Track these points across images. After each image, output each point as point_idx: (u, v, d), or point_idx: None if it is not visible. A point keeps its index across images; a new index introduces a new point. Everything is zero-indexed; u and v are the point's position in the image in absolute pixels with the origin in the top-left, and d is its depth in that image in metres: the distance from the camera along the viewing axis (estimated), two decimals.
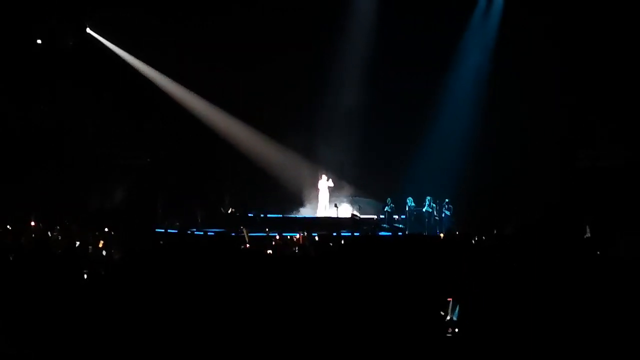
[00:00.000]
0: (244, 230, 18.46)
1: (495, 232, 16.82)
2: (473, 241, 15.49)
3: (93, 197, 23.15)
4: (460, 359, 5.58)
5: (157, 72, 25.04)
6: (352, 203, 24.85)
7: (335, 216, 23.80)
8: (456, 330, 5.74)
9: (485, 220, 20.49)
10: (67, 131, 23.28)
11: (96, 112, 23.52)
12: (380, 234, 20.59)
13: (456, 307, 5.89)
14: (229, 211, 24.13)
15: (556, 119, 22.58)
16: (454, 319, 5.90)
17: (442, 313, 5.91)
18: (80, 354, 5.58)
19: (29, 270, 7.19)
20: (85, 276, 7.67)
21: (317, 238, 16.50)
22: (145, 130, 24.17)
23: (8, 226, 16.37)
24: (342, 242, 13.01)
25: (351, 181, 25.40)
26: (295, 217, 24.51)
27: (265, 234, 18.56)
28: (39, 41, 23.36)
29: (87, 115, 23.54)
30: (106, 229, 16.32)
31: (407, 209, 24.34)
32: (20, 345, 5.58)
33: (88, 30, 24.37)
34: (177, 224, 22.38)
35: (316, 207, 25.06)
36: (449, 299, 5.95)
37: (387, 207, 24.44)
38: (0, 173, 21.40)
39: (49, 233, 16.21)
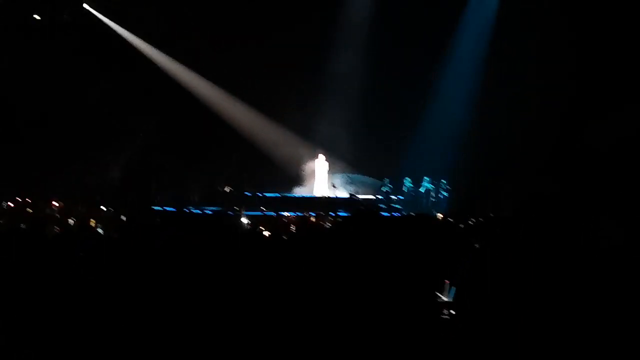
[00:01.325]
0: (241, 210, 18.48)
1: (491, 215, 16.79)
2: (470, 222, 15.50)
3: (88, 174, 23.02)
4: (455, 341, 5.57)
5: (152, 48, 24.92)
6: (349, 183, 24.81)
7: (333, 196, 23.77)
8: (452, 312, 5.72)
9: (482, 202, 20.50)
10: (62, 108, 23.11)
11: (92, 90, 23.36)
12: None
13: (452, 288, 5.86)
14: (226, 190, 24.08)
15: (553, 106, 22.48)
16: (450, 300, 5.88)
17: (438, 294, 5.89)
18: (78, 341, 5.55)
19: (26, 252, 7.12)
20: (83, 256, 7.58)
21: (313, 219, 16.50)
22: (141, 107, 23.99)
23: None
24: (339, 220, 12.98)
25: (348, 161, 25.36)
26: (292, 197, 24.49)
27: (261, 213, 18.57)
28: (36, 16, 23.22)
29: (82, 92, 23.35)
30: (102, 207, 16.25)
31: (404, 189, 24.33)
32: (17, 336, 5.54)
33: (85, 5, 24.24)
34: (173, 202, 22.34)
35: (313, 187, 25.04)
36: (445, 281, 5.92)
37: (384, 188, 24.43)
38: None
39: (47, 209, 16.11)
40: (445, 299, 5.88)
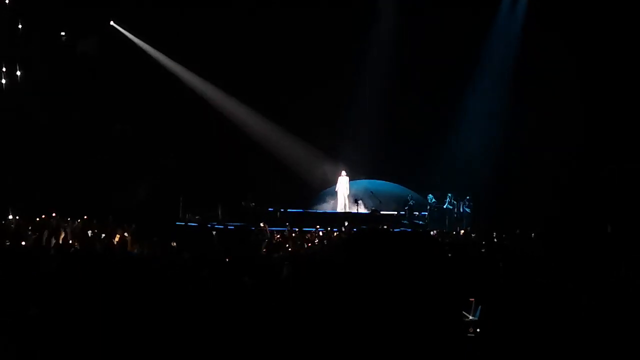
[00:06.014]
0: (264, 226, 18.52)
1: (517, 231, 16.71)
2: (494, 239, 15.43)
3: (116, 194, 23.09)
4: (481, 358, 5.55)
5: (180, 66, 25.17)
6: (373, 198, 24.77)
7: (356, 211, 23.75)
8: (477, 330, 5.70)
9: (506, 218, 20.40)
10: (90, 128, 23.30)
11: (120, 108, 23.54)
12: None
13: (478, 307, 5.83)
14: (250, 205, 24.11)
15: (581, 120, 22.44)
16: (476, 318, 5.85)
17: (464, 313, 5.86)
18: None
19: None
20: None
21: (334, 234, 16.51)
22: (169, 126, 24.15)
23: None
24: (355, 235, 12.94)
25: (372, 174, 25.47)
26: (316, 212, 24.50)
27: (285, 229, 18.61)
28: (62, 33, 23.50)
29: (111, 111, 23.54)
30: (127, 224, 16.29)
31: (427, 205, 24.25)
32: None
33: (112, 23, 24.54)
34: (197, 217, 22.43)
35: (336, 203, 25.04)
36: (471, 299, 5.90)
37: (408, 203, 24.37)
38: (25, 170, 21.40)
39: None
40: (471, 317, 5.86)
